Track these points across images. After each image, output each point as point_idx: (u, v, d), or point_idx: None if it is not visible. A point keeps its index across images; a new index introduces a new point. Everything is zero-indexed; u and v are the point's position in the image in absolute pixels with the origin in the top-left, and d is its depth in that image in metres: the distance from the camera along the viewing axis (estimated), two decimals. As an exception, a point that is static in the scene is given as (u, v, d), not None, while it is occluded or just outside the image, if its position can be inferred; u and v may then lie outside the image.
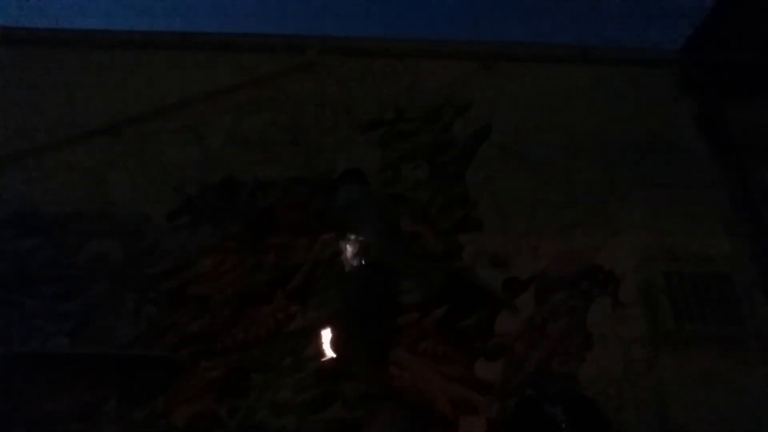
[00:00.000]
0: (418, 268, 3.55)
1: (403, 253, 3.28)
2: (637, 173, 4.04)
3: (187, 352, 3.21)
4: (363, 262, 2.64)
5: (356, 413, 2.97)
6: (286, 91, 4.25)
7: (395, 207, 3.53)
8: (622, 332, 3.43)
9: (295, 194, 3.81)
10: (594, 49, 4.68)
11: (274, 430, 2.95)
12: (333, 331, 2.78)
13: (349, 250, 2.75)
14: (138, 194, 3.75)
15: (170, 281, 3.44)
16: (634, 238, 3.76)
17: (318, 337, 2.91)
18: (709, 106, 4.33)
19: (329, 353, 2.76)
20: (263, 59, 4.37)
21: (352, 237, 2.75)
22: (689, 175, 4.06)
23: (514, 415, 3.08)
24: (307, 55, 4.39)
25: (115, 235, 3.59)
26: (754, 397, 3.29)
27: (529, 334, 3.39)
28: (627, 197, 3.93)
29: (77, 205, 3.68)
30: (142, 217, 3.65)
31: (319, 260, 3.31)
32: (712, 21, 4.33)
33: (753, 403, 3.26)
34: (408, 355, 3.18)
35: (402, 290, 2.98)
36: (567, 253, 3.67)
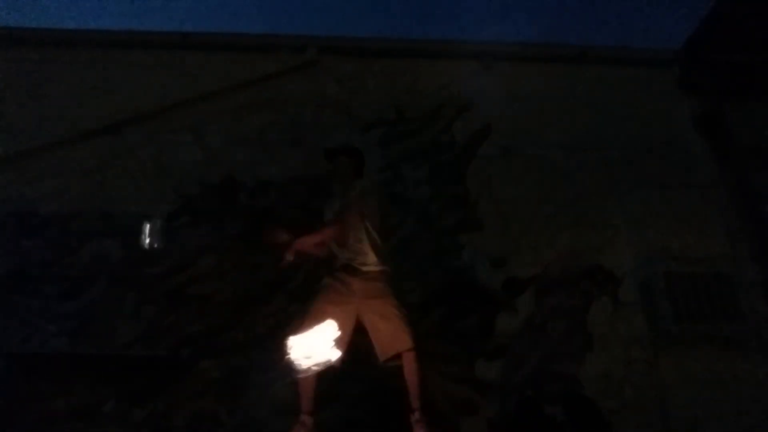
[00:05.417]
0: (418, 268, 3.55)
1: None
2: (636, 173, 4.04)
3: (187, 352, 3.21)
4: None
5: (356, 413, 2.97)
6: (286, 91, 4.25)
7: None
8: (622, 332, 3.43)
9: (295, 194, 3.81)
10: (594, 49, 4.68)
11: (274, 430, 2.95)
12: None
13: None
14: (138, 194, 3.75)
15: (170, 281, 3.44)
16: (634, 238, 3.76)
17: None
18: (709, 106, 4.33)
19: None
20: (263, 59, 4.37)
21: None
22: (689, 175, 4.06)
23: (514, 415, 3.09)
24: (307, 55, 4.40)
25: (115, 235, 3.59)
26: (754, 397, 3.29)
27: (529, 334, 3.39)
28: (627, 197, 3.93)
29: (77, 205, 3.68)
30: (142, 217, 3.65)
31: (319, 260, 3.30)
32: (712, 21, 4.33)
33: (753, 403, 3.26)
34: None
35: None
36: (567, 253, 3.67)
